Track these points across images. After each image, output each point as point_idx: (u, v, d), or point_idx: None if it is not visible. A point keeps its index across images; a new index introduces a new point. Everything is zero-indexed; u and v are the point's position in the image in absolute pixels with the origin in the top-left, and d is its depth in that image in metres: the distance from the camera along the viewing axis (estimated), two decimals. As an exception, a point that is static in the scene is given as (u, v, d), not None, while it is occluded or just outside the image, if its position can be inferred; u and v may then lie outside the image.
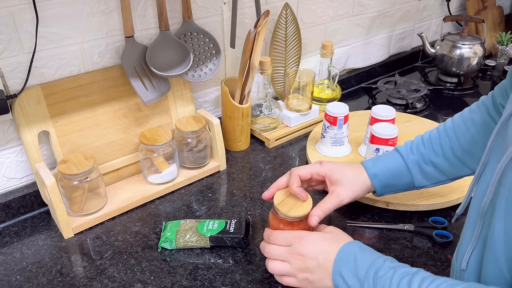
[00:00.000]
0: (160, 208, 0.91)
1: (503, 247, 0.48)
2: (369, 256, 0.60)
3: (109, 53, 0.91)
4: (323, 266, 0.61)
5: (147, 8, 0.92)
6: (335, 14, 1.30)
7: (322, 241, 0.64)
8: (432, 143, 0.75)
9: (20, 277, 0.76)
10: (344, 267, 0.59)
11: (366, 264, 0.58)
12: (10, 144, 0.86)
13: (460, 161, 0.74)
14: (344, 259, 0.60)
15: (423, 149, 0.75)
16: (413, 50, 1.63)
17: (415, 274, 0.54)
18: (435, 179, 0.76)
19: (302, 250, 0.63)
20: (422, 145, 0.76)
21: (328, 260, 0.61)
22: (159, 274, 0.76)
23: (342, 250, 0.61)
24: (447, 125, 0.76)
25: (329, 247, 0.62)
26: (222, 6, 1.03)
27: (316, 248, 0.63)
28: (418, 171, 0.75)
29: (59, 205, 0.81)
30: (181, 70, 0.93)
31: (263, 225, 0.86)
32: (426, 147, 0.75)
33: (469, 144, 0.72)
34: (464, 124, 0.73)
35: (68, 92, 0.86)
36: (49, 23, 0.81)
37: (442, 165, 0.74)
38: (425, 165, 0.75)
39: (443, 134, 0.75)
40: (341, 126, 1.00)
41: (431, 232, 0.82)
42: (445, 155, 0.74)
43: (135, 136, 0.97)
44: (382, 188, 0.76)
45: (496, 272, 0.49)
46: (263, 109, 1.13)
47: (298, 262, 0.63)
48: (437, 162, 0.74)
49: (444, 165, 0.74)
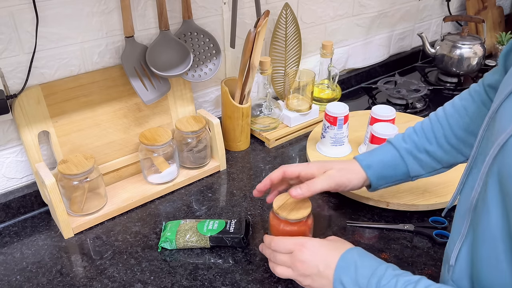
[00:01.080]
0: (160, 208, 0.91)
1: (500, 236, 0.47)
2: (369, 263, 0.60)
3: (109, 53, 0.91)
4: (324, 273, 0.61)
5: (147, 8, 0.92)
6: (335, 14, 1.30)
7: (322, 248, 0.64)
8: (425, 132, 0.75)
9: (20, 277, 0.76)
10: (345, 276, 0.59)
11: (367, 272, 0.58)
12: (10, 144, 0.86)
13: (454, 148, 0.73)
14: (344, 267, 0.60)
15: (416, 138, 0.75)
16: (413, 50, 1.63)
17: (418, 282, 0.54)
18: (430, 167, 0.75)
19: (303, 257, 0.64)
20: (414, 134, 0.76)
21: (329, 268, 0.61)
22: (159, 274, 0.76)
23: (343, 258, 0.61)
24: (439, 113, 0.76)
25: (329, 255, 0.63)
26: (222, 6, 1.03)
27: (316, 256, 0.63)
28: (413, 159, 0.75)
29: (59, 205, 0.81)
30: (181, 70, 0.92)
31: (263, 225, 0.86)
32: (419, 136, 0.75)
33: (463, 131, 0.72)
34: (457, 113, 0.73)
35: (68, 92, 0.86)
36: (49, 23, 0.81)
37: (436, 153, 0.74)
38: (419, 153, 0.74)
39: (435, 122, 0.75)
40: (341, 126, 1.00)
41: (431, 232, 0.82)
42: (438, 143, 0.73)
43: (135, 136, 0.97)
44: (377, 179, 0.76)
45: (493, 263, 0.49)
46: (263, 109, 1.13)
47: (300, 269, 0.64)
48: (431, 149, 0.74)
49: (438, 153, 0.74)
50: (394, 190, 0.90)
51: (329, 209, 0.90)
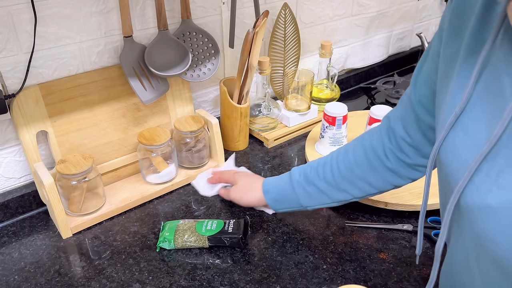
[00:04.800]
0: (158, 208, 0.91)
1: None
2: None
3: (107, 53, 0.90)
4: None
5: (146, 8, 0.92)
6: (334, 14, 1.30)
7: None
8: (317, 167, 0.77)
9: (18, 277, 0.75)
10: None
11: None
12: (8, 144, 0.86)
13: (339, 187, 0.76)
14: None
15: (309, 171, 0.78)
16: (412, 50, 1.62)
17: None
18: (320, 201, 0.78)
19: None
20: (309, 167, 0.79)
21: None
22: (158, 274, 0.76)
23: None
24: (337, 153, 0.78)
25: None
26: (221, 6, 1.03)
27: None
28: (303, 192, 0.78)
29: (57, 205, 0.81)
30: (180, 70, 0.92)
31: (262, 225, 0.86)
32: (312, 170, 0.78)
33: (349, 172, 0.74)
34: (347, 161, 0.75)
35: (66, 92, 0.86)
36: (48, 22, 0.81)
37: (324, 188, 0.76)
38: (308, 186, 0.77)
39: (329, 159, 0.77)
40: (340, 126, 1.00)
41: (429, 232, 0.82)
42: (326, 179, 0.76)
43: (133, 136, 0.97)
44: (274, 203, 0.82)
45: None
46: (262, 109, 1.13)
47: None
48: (319, 185, 0.76)
49: (325, 189, 0.76)
50: (393, 190, 0.90)
51: (327, 209, 0.90)
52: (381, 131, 0.72)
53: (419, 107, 0.62)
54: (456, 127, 0.47)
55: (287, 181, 0.80)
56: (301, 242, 0.82)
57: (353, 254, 0.79)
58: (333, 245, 0.81)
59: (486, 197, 0.42)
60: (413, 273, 0.75)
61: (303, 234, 0.84)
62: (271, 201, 0.82)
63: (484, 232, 0.43)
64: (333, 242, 0.82)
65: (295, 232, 0.84)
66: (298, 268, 0.76)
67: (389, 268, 0.76)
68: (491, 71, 0.44)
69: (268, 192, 0.82)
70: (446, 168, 0.49)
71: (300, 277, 0.75)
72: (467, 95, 0.45)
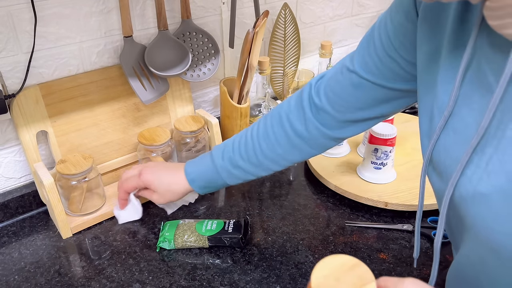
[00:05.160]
0: (158, 208, 0.91)
1: None
2: None
3: (107, 53, 0.90)
4: None
5: (146, 8, 0.92)
6: (334, 14, 1.30)
7: None
8: (239, 147, 0.77)
9: (18, 277, 0.75)
10: None
11: None
12: (8, 144, 0.86)
13: (262, 166, 0.76)
14: None
15: (232, 153, 0.77)
16: (412, 50, 1.62)
17: None
18: (244, 178, 0.78)
19: None
20: (231, 147, 0.77)
21: None
22: (158, 274, 0.76)
23: None
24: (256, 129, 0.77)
25: None
26: (221, 6, 1.03)
27: None
28: (228, 175, 0.77)
29: (57, 205, 0.81)
30: (180, 70, 0.92)
31: (262, 225, 0.86)
32: (235, 152, 0.77)
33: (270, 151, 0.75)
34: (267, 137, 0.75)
35: (66, 92, 0.86)
36: (48, 22, 0.81)
37: (249, 169, 0.76)
38: (234, 169, 0.77)
39: (249, 137, 0.77)
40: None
41: (429, 232, 0.82)
42: (250, 160, 0.76)
43: (133, 136, 0.97)
44: (202, 189, 0.80)
45: None
46: (262, 109, 1.13)
47: None
48: (244, 166, 0.76)
49: (250, 169, 0.76)
50: (393, 190, 0.90)
51: (327, 209, 0.90)
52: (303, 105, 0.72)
53: (362, 71, 0.63)
54: (447, 129, 0.49)
55: (211, 167, 0.78)
56: (301, 242, 0.82)
57: (353, 254, 0.79)
58: (333, 245, 0.81)
59: (478, 185, 0.44)
60: (413, 273, 0.75)
61: (303, 234, 0.84)
62: (198, 189, 0.80)
63: (478, 220, 0.45)
64: (333, 242, 0.82)
65: (295, 232, 0.84)
66: (298, 268, 0.77)
67: (389, 268, 0.76)
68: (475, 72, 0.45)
69: (194, 181, 0.79)
70: (439, 167, 0.50)
71: (300, 277, 0.75)
72: (454, 98, 0.47)
